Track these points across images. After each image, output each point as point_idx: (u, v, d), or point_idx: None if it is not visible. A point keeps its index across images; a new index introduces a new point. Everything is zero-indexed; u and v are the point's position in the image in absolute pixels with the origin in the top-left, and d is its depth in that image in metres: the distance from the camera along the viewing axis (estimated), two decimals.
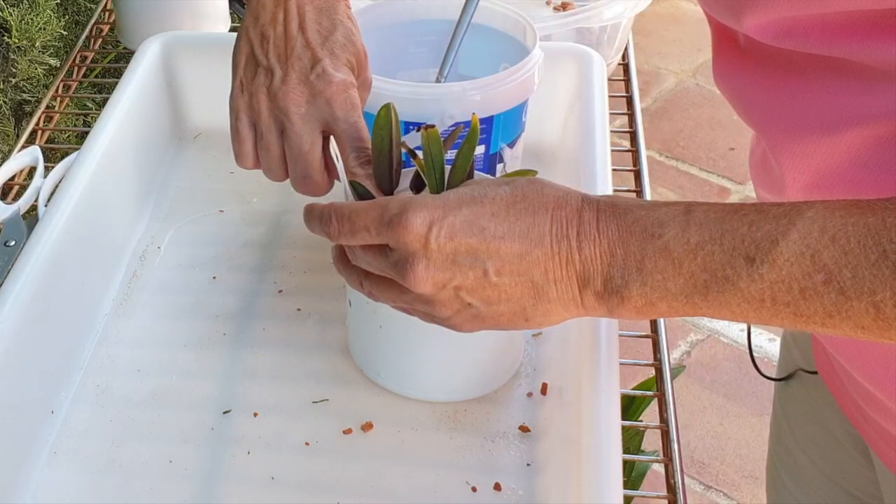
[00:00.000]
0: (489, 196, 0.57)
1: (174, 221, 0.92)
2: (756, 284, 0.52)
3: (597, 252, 0.56)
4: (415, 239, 0.57)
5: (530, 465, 0.70)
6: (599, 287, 0.56)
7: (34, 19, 1.10)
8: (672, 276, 0.54)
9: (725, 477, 1.80)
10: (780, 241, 0.51)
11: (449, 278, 0.57)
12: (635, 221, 0.55)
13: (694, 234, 0.54)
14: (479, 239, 0.56)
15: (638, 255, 0.55)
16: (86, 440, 0.73)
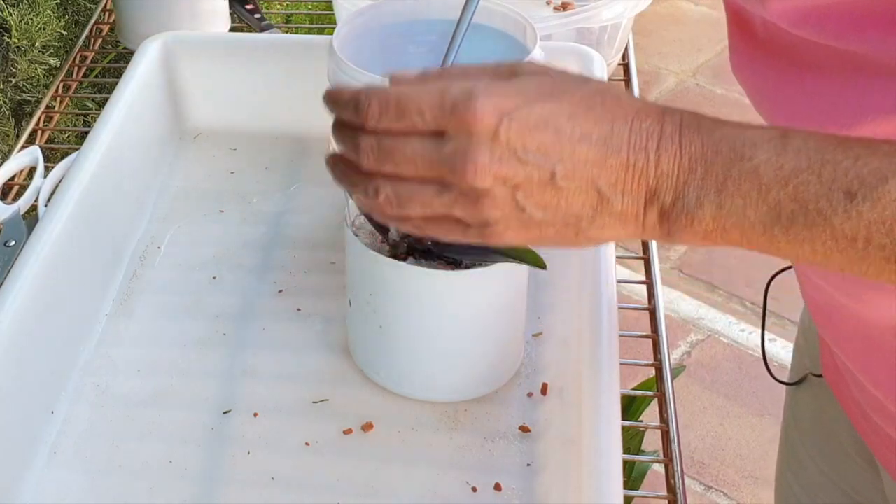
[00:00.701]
0: (569, 92, 0.52)
1: (174, 221, 0.92)
2: (852, 222, 0.47)
3: (675, 167, 0.50)
4: (484, 128, 0.50)
5: (530, 465, 0.70)
6: (668, 204, 0.51)
7: (34, 19, 1.10)
8: (755, 202, 0.49)
9: (725, 477, 1.80)
10: (891, 178, 0.47)
11: (512, 174, 0.51)
12: (723, 139, 0.50)
13: (790, 160, 0.49)
14: (555, 138, 0.51)
15: (720, 175, 0.50)
16: (86, 440, 0.73)
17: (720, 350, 2.02)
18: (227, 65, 1.00)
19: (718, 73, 2.76)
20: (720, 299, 2.12)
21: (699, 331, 2.06)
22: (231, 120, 1.02)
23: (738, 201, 0.49)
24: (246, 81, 1.00)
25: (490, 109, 0.50)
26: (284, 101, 1.00)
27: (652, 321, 0.82)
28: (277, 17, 1.33)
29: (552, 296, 0.82)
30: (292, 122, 1.01)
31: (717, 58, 2.82)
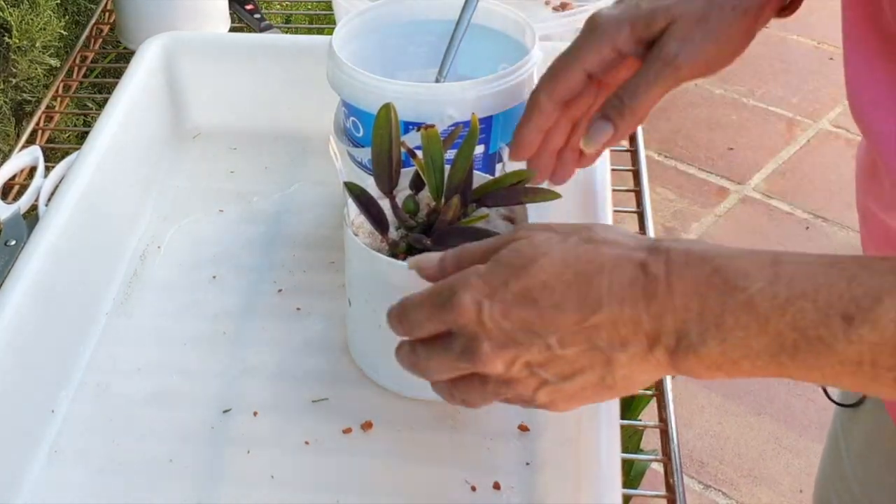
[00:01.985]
0: (538, 263, 0.53)
1: (174, 221, 0.92)
2: (854, 346, 0.46)
3: (668, 307, 0.50)
4: (470, 321, 0.54)
5: (529, 464, 0.71)
6: (673, 345, 0.50)
7: (34, 19, 1.10)
8: (756, 333, 0.48)
9: (724, 476, 1.80)
10: (885, 298, 0.46)
11: (515, 355, 0.54)
12: (715, 272, 0.50)
13: (783, 288, 0.48)
14: (534, 313, 0.52)
15: (717, 309, 0.49)
16: (86, 439, 0.73)
17: None
18: (227, 65, 1.00)
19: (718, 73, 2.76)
20: None
21: None
22: (231, 120, 1.02)
23: (739, 333, 0.49)
24: (246, 81, 1.00)
25: (469, 301, 0.54)
26: (284, 101, 1.00)
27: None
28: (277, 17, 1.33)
29: None
30: (292, 122, 1.01)
31: None
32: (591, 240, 0.53)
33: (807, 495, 1.75)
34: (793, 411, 1.89)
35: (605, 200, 0.81)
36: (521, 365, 0.54)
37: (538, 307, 0.52)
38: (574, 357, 0.53)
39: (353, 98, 0.81)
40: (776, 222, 2.30)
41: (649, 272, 0.51)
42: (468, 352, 0.55)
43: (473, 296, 0.54)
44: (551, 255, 0.53)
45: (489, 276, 0.54)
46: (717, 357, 0.50)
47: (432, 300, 0.56)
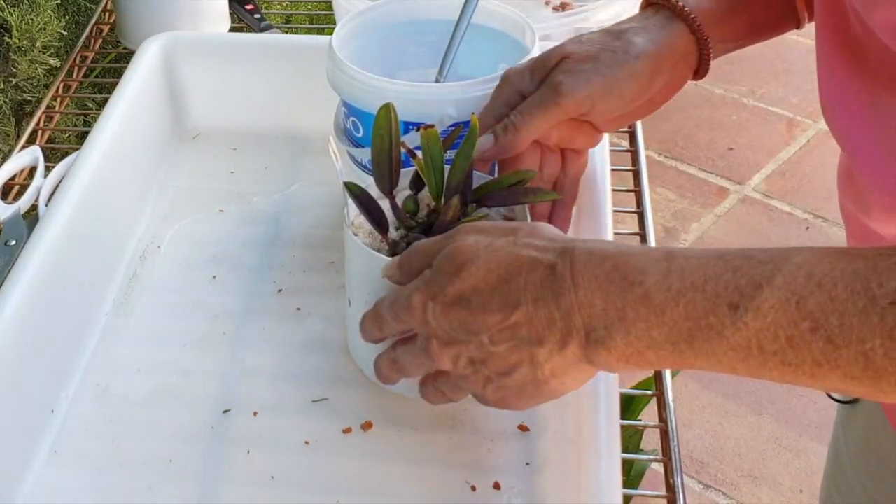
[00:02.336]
0: (468, 268, 0.58)
1: (174, 221, 0.92)
2: (741, 333, 0.50)
3: (575, 303, 0.54)
4: (420, 321, 0.60)
5: (529, 464, 0.71)
6: (583, 338, 0.55)
7: (34, 19, 1.10)
8: (655, 324, 0.52)
9: (724, 476, 1.80)
10: (765, 287, 0.49)
11: (458, 351, 0.59)
12: (614, 269, 0.54)
13: (675, 281, 0.52)
14: (467, 313, 0.58)
15: (618, 304, 0.53)
16: (86, 439, 0.73)
17: None
18: (227, 65, 1.00)
19: (717, 73, 2.76)
20: None
21: None
22: (231, 120, 1.02)
23: (640, 325, 0.52)
24: (246, 81, 1.00)
25: (417, 303, 0.60)
26: (284, 101, 1.00)
27: None
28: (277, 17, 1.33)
29: None
30: (292, 122, 1.01)
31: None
32: (515, 244, 0.58)
33: (807, 495, 1.75)
34: (793, 411, 1.89)
35: (605, 201, 0.81)
36: (465, 360, 0.60)
37: (470, 308, 0.57)
38: (505, 353, 0.57)
39: (353, 98, 0.81)
40: (776, 222, 2.30)
41: (556, 272, 0.55)
42: (424, 349, 0.61)
43: (420, 298, 0.60)
44: (478, 261, 0.58)
45: (431, 280, 0.60)
46: (624, 349, 0.53)
47: (395, 303, 0.62)
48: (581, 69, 0.70)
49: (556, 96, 0.70)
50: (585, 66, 0.70)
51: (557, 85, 0.70)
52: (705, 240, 2.25)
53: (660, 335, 0.52)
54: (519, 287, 0.56)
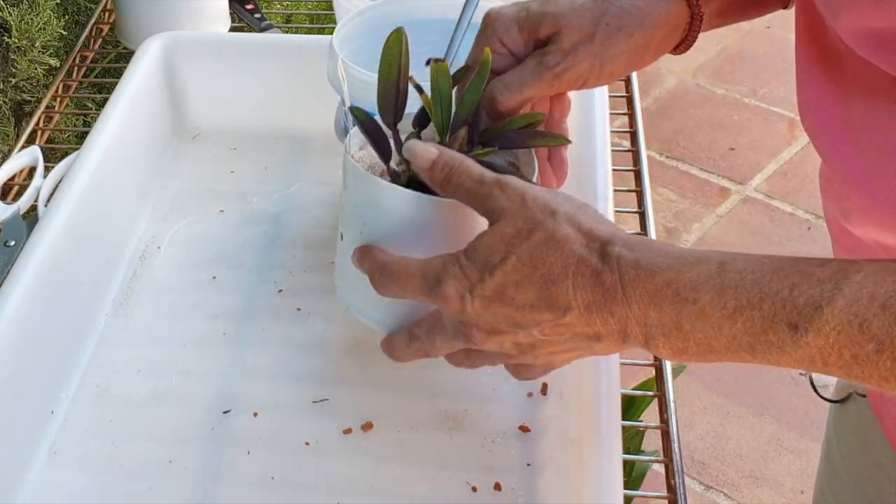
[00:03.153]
0: (508, 262, 0.56)
1: (174, 221, 0.92)
2: (803, 350, 0.49)
3: (630, 314, 0.54)
4: (455, 310, 0.58)
5: (530, 465, 0.70)
6: (641, 341, 0.55)
7: (34, 19, 1.10)
8: (714, 336, 0.52)
9: (725, 477, 1.80)
10: (825, 308, 0.48)
11: (503, 339, 0.58)
12: (665, 285, 0.53)
13: (730, 299, 0.51)
14: (512, 309, 0.56)
15: (674, 317, 0.52)
16: (86, 440, 0.73)
17: None
18: (227, 65, 1.00)
19: (718, 73, 2.76)
20: None
21: None
22: (231, 120, 1.02)
23: (699, 335, 0.52)
24: (246, 81, 1.00)
25: (453, 293, 0.57)
26: (284, 101, 1.00)
27: None
28: (277, 17, 1.33)
29: None
30: (292, 122, 1.01)
31: (717, 58, 2.82)
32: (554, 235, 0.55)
33: (808, 496, 1.75)
34: (794, 412, 1.89)
35: (606, 201, 0.80)
36: (511, 345, 0.58)
37: (515, 305, 0.56)
38: (560, 341, 0.57)
39: (353, 98, 0.80)
40: (778, 223, 2.29)
41: (605, 283, 0.54)
42: (461, 335, 0.60)
43: (457, 288, 0.57)
44: (519, 255, 0.56)
45: (468, 269, 0.57)
46: (685, 352, 0.53)
47: (420, 283, 0.59)
48: (576, 49, 0.68)
49: (551, 77, 0.68)
50: (580, 46, 0.68)
51: (553, 66, 0.68)
52: (707, 240, 2.25)
53: (719, 345, 0.52)
54: (567, 291, 0.55)
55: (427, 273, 0.59)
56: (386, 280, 0.62)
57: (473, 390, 0.75)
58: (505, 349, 0.59)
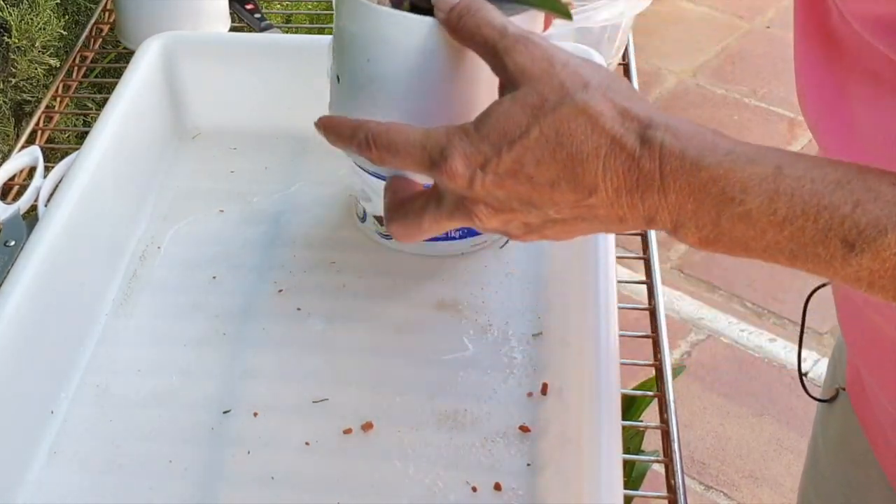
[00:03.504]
0: (531, 135, 0.51)
1: (174, 221, 0.92)
2: (851, 268, 0.47)
3: (663, 204, 0.49)
4: (462, 185, 0.53)
5: (530, 465, 0.70)
6: (669, 228, 0.51)
7: (34, 19, 1.10)
8: (754, 238, 0.48)
9: (725, 477, 1.80)
10: (890, 231, 0.45)
11: (510, 218, 0.54)
12: (711, 181, 0.48)
13: (782, 207, 0.47)
14: (528, 187, 0.51)
15: (713, 215, 0.48)
16: (85, 440, 0.73)
17: (720, 350, 2.02)
18: (227, 65, 1.00)
19: (718, 73, 2.76)
20: (720, 299, 2.12)
21: (699, 331, 2.06)
22: (231, 120, 1.02)
23: (736, 235, 0.49)
24: (246, 81, 1.00)
25: (461, 169, 0.52)
26: (284, 101, 1.00)
27: (652, 321, 0.82)
28: (277, 17, 1.33)
29: (552, 296, 0.82)
30: (292, 122, 1.01)
31: (717, 58, 2.82)
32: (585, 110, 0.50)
33: None
34: (794, 412, 1.89)
35: None
36: (519, 224, 0.54)
37: (533, 183, 0.51)
38: (575, 221, 0.53)
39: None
40: None
41: (642, 168, 0.49)
42: (462, 211, 0.54)
43: (466, 164, 0.52)
44: (543, 128, 0.51)
45: (481, 142, 0.52)
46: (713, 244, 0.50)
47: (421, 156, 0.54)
48: None
49: None
50: None
51: None
52: None
53: (756, 246, 0.49)
54: (596, 173, 0.50)
55: (430, 145, 0.54)
56: (382, 151, 0.56)
57: (473, 390, 0.75)
58: (509, 228, 0.55)
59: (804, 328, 0.87)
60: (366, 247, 0.88)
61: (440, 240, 0.86)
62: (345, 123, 0.59)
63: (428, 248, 0.87)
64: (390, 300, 0.83)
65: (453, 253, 0.87)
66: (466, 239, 0.86)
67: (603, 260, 0.75)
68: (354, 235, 0.90)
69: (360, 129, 0.57)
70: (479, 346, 0.79)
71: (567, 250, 0.82)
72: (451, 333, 0.80)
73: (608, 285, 0.73)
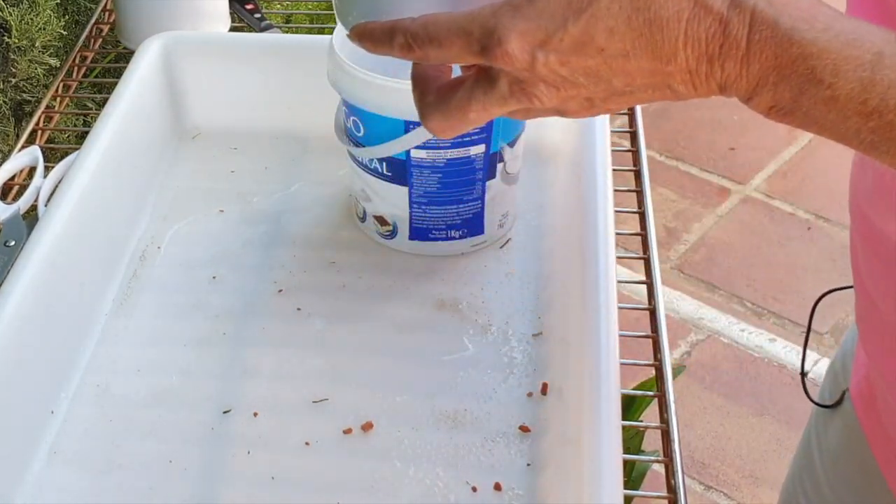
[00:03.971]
0: (603, 4, 0.47)
1: (174, 221, 0.92)
2: None
3: (743, 74, 0.46)
4: (521, 67, 0.48)
5: (530, 465, 0.70)
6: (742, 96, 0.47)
7: (34, 19, 1.10)
8: (834, 122, 0.45)
9: (725, 477, 1.80)
10: None
11: (574, 94, 0.50)
12: (801, 58, 0.44)
13: (875, 97, 0.44)
14: (598, 60, 0.47)
15: (795, 92, 0.45)
16: (85, 440, 0.73)
17: (720, 350, 2.02)
18: (227, 65, 1.00)
19: None
20: (720, 299, 2.12)
21: (699, 331, 2.06)
22: (231, 120, 1.02)
23: (815, 115, 0.46)
24: (246, 81, 1.00)
25: (517, 50, 0.48)
26: (284, 101, 1.00)
27: (652, 321, 0.82)
28: (277, 17, 1.33)
29: (552, 295, 0.82)
30: (292, 122, 1.01)
31: None
32: None
33: None
34: (794, 412, 1.89)
35: (606, 201, 0.80)
36: (581, 100, 0.50)
37: (604, 56, 0.47)
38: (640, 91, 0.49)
39: (354, 97, 0.80)
40: (777, 223, 2.29)
41: (729, 33, 0.45)
42: (518, 94, 0.50)
43: (523, 44, 0.48)
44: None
45: (538, 17, 0.48)
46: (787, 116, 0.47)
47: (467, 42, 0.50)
48: None
49: None
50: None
51: None
52: (707, 240, 2.25)
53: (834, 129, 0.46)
54: (678, 37, 0.46)
55: (476, 29, 0.49)
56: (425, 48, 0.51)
57: (473, 390, 0.75)
58: (569, 105, 0.51)
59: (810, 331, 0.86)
60: (366, 247, 0.88)
61: (440, 240, 0.86)
62: (377, 28, 0.54)
63: (428, 248, 0.87)
64: (390, 300, 0.83)
65: (453, 253, 0.87)
66: (466, 239, 0.86)
67: (603, 260, 0.75)
68: (354, 235, 0.90)
69: (395, 29, 0.53)
70: (479, 346, 0.79)
71: (567, 250, 0.82)
72: (451, 333, 0.80)
73: (608, 285, 0.73)
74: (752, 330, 2.05)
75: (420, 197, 0.83)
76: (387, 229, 0.87)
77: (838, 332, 1.92)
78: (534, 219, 0.90)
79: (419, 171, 0.82)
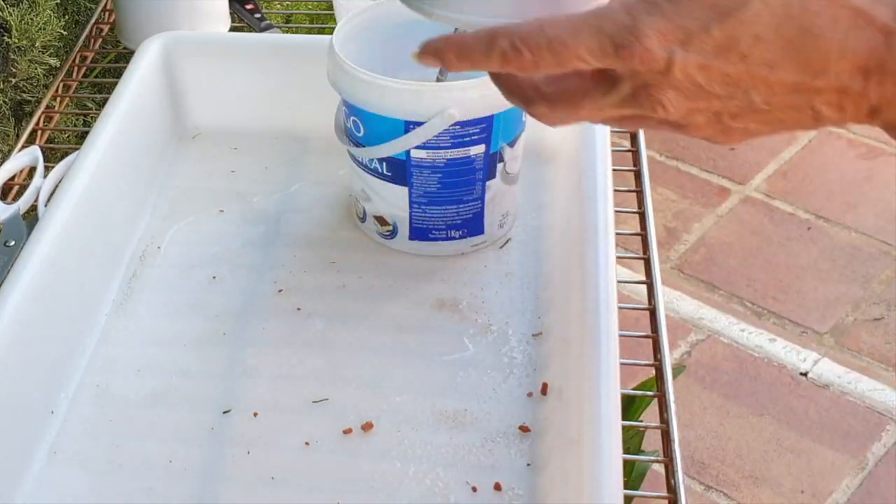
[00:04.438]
0: (751, 6, 0.43)
1: (174, 221, 0.92)
2: None
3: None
4: (657, 67, 0.45)
5: (530, 465, 0.70)
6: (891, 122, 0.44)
7: (34, 19, 1.10)
8: None
9: (725, 477, 1.79)
10: None
11: (704, 107, 0.46)
12: None
13: None
14: (740, 68, 0.44)
15: None
16: (85, 440, 0.73)
17: (720, 350, 2.02)
18: (227, 65, 1.00)
19: None
20: (720, 299, 2.11)
21: (699, 331, 2.06)
22: (231, 120, 1.02)
23: None
24: (246, 81, 1.00)
25: (657, 47, 0.44)
26: (284, 101, 1.00)
27: (652, 321, 0.82)
28: (277, 17, 1.33)
29: (552, 296, 0.82)
30: (292, 122, 1.01)
31: None
32: None
33: (808, 496, 1.75)
34: (794, 412, 1.89)
35: (605, 201, 0.80)
36: (709, 115, 0.47)
37: (747, 64, 0.44)
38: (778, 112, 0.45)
39: (354, 97, 0.80)
40: (778, 223, 2.29)
41: (893, 46, 0.42)
42: (641, 99, 0.46)
43: (662, 42, 0.44)
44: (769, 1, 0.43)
45: (680, 17, 0.44)
46: None
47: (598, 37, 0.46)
48: None
49: None
50: None
51: None
52: (707, 240, 2.25)
53: None
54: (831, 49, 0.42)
55: (608, 27, 0.45)
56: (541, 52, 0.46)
57: (473, 390, 0.75)
58: (694, 118, 0.47)
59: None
60: (366, 247, 0.88)
61: (440, 240, 0.86)
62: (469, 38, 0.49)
63: (428, 248, 0.87)
64: (390, 300, 0.83)
65: (453, 253, 0.87)
66: (466, 239, 0.86)
67: (603, 260, 0.75)
68: (354, 235, 0.90)
69: (497, 36, 0.48)
70: (479, 346, 0.79)
71: (567, 250, 0.82)
72: (451, 333, 0.80)
73: (608, 285, 0.73)
74: (752, 330, 2.05)
75: (420, 197, 0.83)
76: (387, 229, 0.87)
77: (838, 332, 1.92)
78: (534, 219, 0.90)
79: (419, 171, 0.82)
